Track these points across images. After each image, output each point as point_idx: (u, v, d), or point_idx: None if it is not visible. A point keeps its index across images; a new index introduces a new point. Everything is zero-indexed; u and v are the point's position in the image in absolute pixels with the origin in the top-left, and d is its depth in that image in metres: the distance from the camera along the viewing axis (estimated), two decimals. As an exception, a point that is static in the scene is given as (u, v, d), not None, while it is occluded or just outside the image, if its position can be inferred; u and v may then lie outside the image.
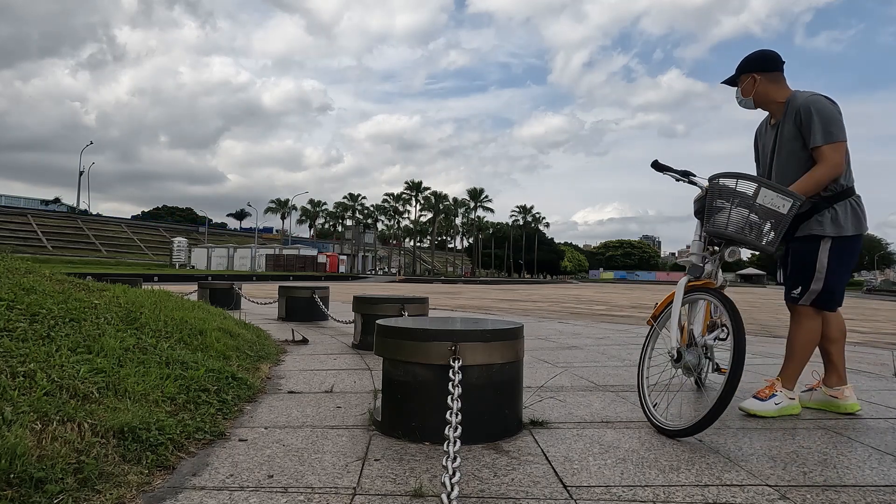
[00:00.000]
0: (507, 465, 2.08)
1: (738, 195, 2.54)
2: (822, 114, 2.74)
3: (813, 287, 2.80)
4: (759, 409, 2.81)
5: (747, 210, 2.53)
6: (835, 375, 2.94)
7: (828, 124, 2.73)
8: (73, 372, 2.31)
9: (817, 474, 2.03)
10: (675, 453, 2.23)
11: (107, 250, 64.61)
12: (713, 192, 2.60)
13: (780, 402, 2.82)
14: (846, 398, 2.89)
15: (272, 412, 2.78)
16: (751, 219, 2.55)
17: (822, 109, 2.75)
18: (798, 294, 2.84)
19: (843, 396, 2.89)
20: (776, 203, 2.51)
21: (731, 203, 2.54)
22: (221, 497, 1.74)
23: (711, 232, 2.62)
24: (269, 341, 5.10)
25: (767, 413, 2.79)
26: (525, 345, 2.66)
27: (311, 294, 7.57)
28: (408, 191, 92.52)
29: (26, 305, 2.86)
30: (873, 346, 6.87)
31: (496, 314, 10.81)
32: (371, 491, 1.82)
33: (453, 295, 21.20)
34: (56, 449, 1.75)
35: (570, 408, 2.98)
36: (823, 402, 2.95)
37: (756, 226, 2.55)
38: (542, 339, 6.13)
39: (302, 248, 63.80)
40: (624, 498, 1.79)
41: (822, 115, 2.74)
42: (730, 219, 2.55)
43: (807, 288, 2.81)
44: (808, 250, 2.81)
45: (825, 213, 2.79)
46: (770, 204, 2.50)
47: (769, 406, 2.81)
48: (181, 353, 3.14)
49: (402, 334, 2.45)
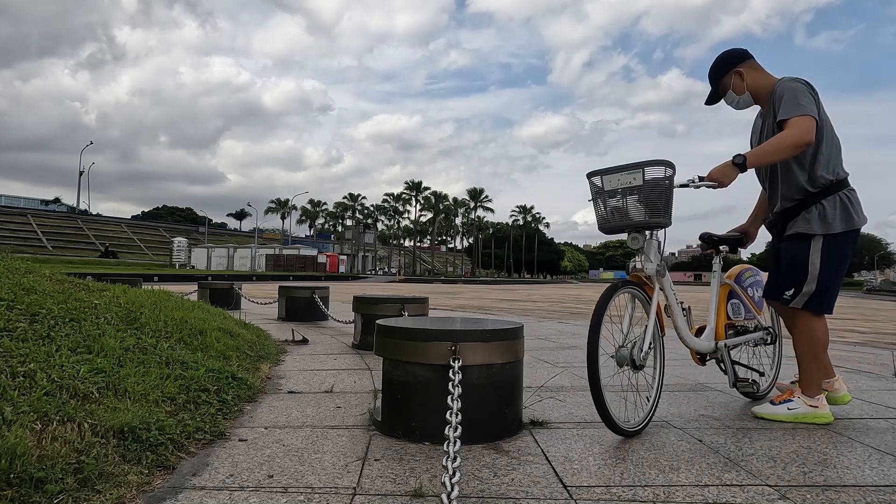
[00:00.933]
0: (507, 465, 2.08)
1: (596, 190, 2.65)
2: (790, 90, 2.63)
3: (805, 289, 2.68)
4: (769, 413, 2.75)
5: (607, 199, 2.62)
6: None
7: (795, 98, 2.60)
8: (73, 372, 2.31)
9: (817, 474, 2.03)
10: (675, 453, 2.23)
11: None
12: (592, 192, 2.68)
13: (796, 407, 2.72)
14: (838, 390, 2.80)
15: (272, 412, 2.78)
16: (612, 204, 2.60)
17: (791, 87, 2.64)
18: (790, 296, 2.73)
19: (835, 389, 2.79)
20: (625, 180, 2.54)
21: (598, 199, 2.66)
22: (221, 497, 1.74)
23: (604, 229, 2.70)
24: (269, 341, 5.10)
25: (778, 417, 2.73)
26: (525, 345, 2.66)
27: (311, 294, 7.57)
28: (408, 191, 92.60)
29: (26, 305, 2.86)
30: (873, 346, 6.87)
31: (496, 314, 10.81)
32: (371, 491, 1.82)
33: (453, 295, 21.20)
34: (56, 449, 1.75)
35: (570, 408, 2.98)
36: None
37: (623, 208, 2.57)
38: (542, 339, 6.13)
39: (302, 249, 63.79)
40: (624, 498, 1.79)
41: (790, 91, 2.63)
42: (601, 213, 2.66)
43: (799, 289, 2.70)
44: (798, 249, 2.71)
45: (812, 210, 2.68)
46: (619, 184, 2.55)
47: (780, 410, 2.74)
48: (181, 353, 3.14)
49: (402, 334, 2.45)
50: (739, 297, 3.08)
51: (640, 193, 2.52)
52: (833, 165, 2.69)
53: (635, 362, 2.43)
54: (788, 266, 2.74)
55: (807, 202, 2.70)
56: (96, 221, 76.16)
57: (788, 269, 2.74)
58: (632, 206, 2.55)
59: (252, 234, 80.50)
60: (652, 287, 2.61)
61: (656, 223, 2.55)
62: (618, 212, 2.60)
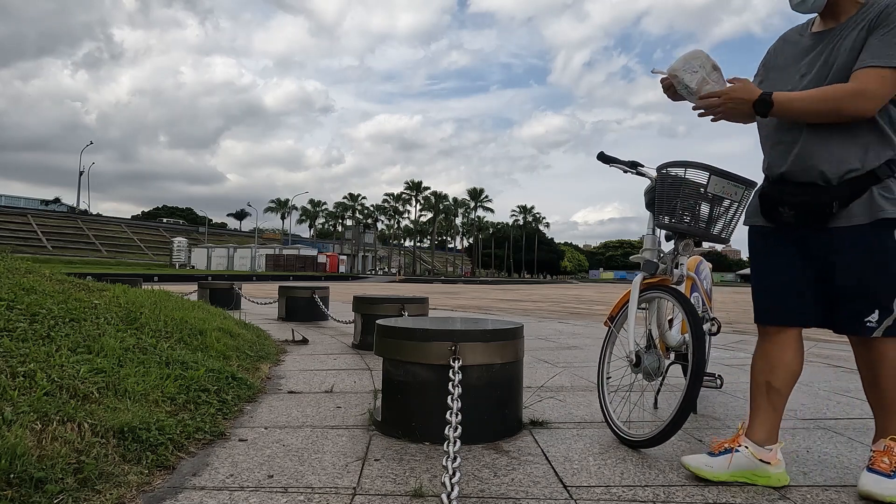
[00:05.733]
0: (507, 465, 2.08)
1: (688, 184, 2.34)
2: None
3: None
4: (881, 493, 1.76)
5: (698, 200, 2.33)
6: (772, 426, 1.97)
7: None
8: (73, 372, 2.31)
9: (817, 474, 2.03)
10: (675, 453, 2.23)
11: (107, 250, 64.62)
12: (662, 182, 2.42)
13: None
14: (779, 462, 1.92)
15: (272, 412, 2.78)
16: (702, 209, 2.34)
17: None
18: (876, 322, 1.79)
19: (777, 461, 1.92)
20: (728, 191, 2.29)
21: (680, 193, 2.34)
22: (221, 497, 1.74)
23: (662, 225, 2.45)
24: (269, 341, 5.10)
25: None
26: (525, 345, 2.66)
27: (311, 294, 7.58)
28: (408, 191, 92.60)
29: (26, 305, 2.86)
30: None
31: (496, 314, 10.81)
32: (371, 491, 1.82)
33: (453, 295, 21.20)
34: (56, 449, 1.75)
35: (570, 408, 2.98)
36: (746, 470, 1.91)
37: (708, 216, 2.36)
38: (542, 339, 6.13)
39: (302, 249, 63.83)
40: (624, 498, 1.79)
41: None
42: (680, 210, 2.36)
43: (889, 307, 1.78)
44: (881, 243, 1.78)
45: (891, 186, 1.78)
46: (721, 192, 2.29)
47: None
48: (181, 353, 3.14)
49: (402, 334, 2.45)
50: (699, 289, 3.02)
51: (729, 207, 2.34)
52: None
53: None
54: (865, 272, 1.80)
55: (875, 177, 1.78)
56: (96, 221, 76.18)
57: (866, 276, 1.80)
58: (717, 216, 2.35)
59: (252, 234, 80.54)
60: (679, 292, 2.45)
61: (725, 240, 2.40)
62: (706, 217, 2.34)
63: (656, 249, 2.58)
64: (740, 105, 1.85)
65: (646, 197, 2.63)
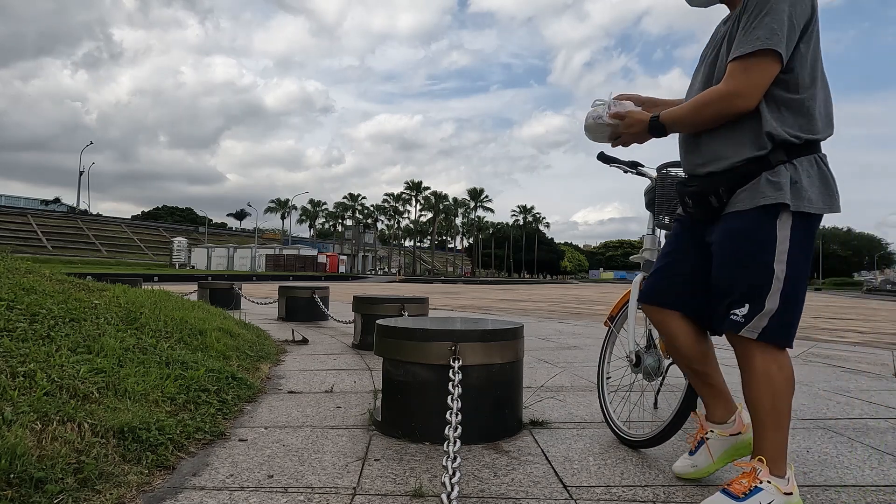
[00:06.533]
0: (507, 465, 2.08)
1: None
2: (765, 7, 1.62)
3: (769, 304, 1.64)
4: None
5: None
6: (721, 402, 1.96)
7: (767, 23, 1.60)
8: (73, 372, 2.31)
9: (817, 474, 2.03)
10: (675, 453, 2.23)
11: (107, 250, 64.63)
12: (662, 182, 2.41)
13: (770, 500, 1.59)
14: (748, 426, 1.90)
15: (272, 412, 2.78)
16: None
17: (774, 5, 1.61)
18: (744, 318, 1.66)
19: (746, 425, 1.91)
20: None
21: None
22: (221, 497, 1.74)
23: (662, 225, 2.44)
24: (269, 341, 5.10)
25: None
26: (525, 345, 2.66)
27: (311, 294, 7.58)
28: (408, 191, 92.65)
29: (26, 305, 2.86)
30: (873, 346, 6.86)
31: (496, 314, 10.81)
32: (371, 491, 1.82)
33: (453, 295, 21.20)
34: (56, 449, 1.75)
35: (570, 408, 2.98)
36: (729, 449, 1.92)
37: None
38: (542, 339, 6.13)
39: (302, 249, 63.84)
40: (624, 498, 1.79)
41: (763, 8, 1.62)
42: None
43: (759, 305, 1.65)
44: (754, 232, 1.67)
45: (781, 171, 1.65)
46: None
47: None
48: (181, 353, 3.14)
49: (402, 334, 2.45)
50: None
51: None
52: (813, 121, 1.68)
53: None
54: (734, 262, 1.70)
55: (766, 162, 1.67)
56: (96, 221, 76.19)
57: (734, 267, 1.70)
58: None
59: (252, 234, 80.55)
60: None
61: None
62: None
63: (656, 249, 2.57)
64: (638, 125, 1.91)
65: (646, 197, 2.63)
